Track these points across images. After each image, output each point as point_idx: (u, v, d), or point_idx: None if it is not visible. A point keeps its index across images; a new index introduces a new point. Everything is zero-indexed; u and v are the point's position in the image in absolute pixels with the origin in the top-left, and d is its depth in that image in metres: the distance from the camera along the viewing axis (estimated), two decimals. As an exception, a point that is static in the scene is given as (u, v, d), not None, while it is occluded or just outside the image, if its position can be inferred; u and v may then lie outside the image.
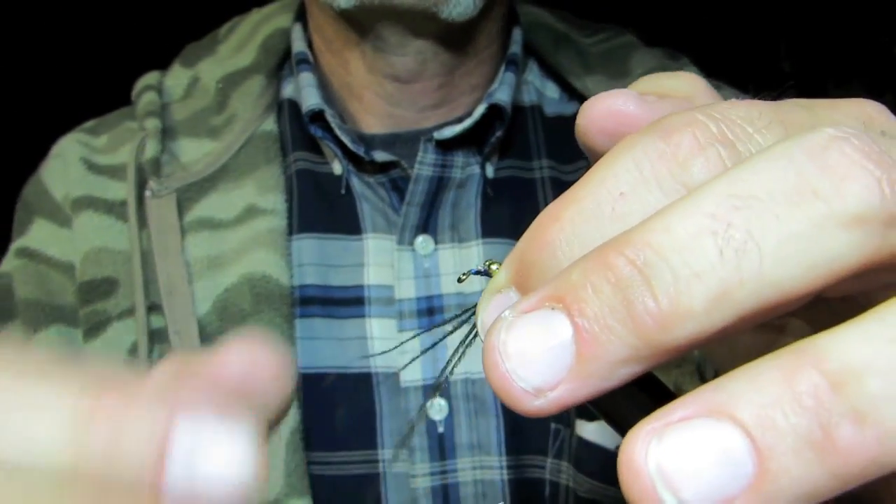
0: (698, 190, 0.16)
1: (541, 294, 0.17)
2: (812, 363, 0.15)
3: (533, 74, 0.64)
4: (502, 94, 0.57)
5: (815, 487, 0.14)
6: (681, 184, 0.18)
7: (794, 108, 0.19)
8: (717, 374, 0.17)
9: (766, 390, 0.15)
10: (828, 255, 0.16)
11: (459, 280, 0.25)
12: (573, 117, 0.20)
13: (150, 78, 0.63)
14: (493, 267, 0.22)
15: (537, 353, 0.16)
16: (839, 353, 0.15)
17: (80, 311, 0.54)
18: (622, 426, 0.21)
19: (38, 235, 0.58)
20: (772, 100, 0.19)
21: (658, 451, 0.15)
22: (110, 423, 0.16)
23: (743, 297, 0.16)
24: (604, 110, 0.21)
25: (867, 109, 0.20)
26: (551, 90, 0.63)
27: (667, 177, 0.18)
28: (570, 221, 0.18)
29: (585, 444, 0.52)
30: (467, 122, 0.56)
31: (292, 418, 0.51)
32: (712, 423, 0.15)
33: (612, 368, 0.16)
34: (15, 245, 0.59)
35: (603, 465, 0.52)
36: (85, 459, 0.15)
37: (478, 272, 0.23)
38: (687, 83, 0.22)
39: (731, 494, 0.14)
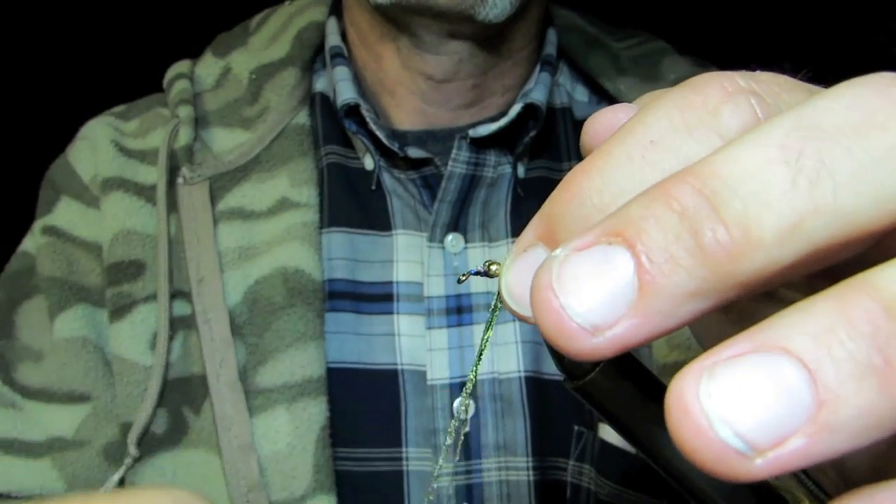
0: (764, 124, 0.16)
1: (596, 230, 0.16)
2: (865, 292, 0.14)
3: (564, 77, 0.63)
4: (538, 93, 0.57)
5: (879, 417, 0.14)
6: (713, 131, 0.17)
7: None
8: None
9: (820, 320, 0.14)
10: None
11: (459, 281, 0.24)
12: None
13: (182, 66, 0.62)
14: (493, 268, 0.22)
15: (595, 289, 0.15)
16: (891, 281, 0.14)
17: (107, 291, 0.54)
18: (631, 432, 0.21)
19: (64, 215, 0.58)
20: None
21: (709, 386, 0.14)
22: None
23: (816, 227, 0.15)
24: (606, 123, 0.20)
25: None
26: (580, 93, 0.63)
27: (698, 124, 0.17)
28: (599, 171, 0.17)
29: (608, 448, 0.52)
30: (503, 121, 0.56)
31: (321, 414, 0.51)
32: (765, 357, 0.14)
33: (677, 303, 0.15)
34: (39, 223, 0.58)
35: (625, 468, 0.52)
36: None
37: (477, 273, 0.23)
38: None
39: (791, 427, 0.14)
